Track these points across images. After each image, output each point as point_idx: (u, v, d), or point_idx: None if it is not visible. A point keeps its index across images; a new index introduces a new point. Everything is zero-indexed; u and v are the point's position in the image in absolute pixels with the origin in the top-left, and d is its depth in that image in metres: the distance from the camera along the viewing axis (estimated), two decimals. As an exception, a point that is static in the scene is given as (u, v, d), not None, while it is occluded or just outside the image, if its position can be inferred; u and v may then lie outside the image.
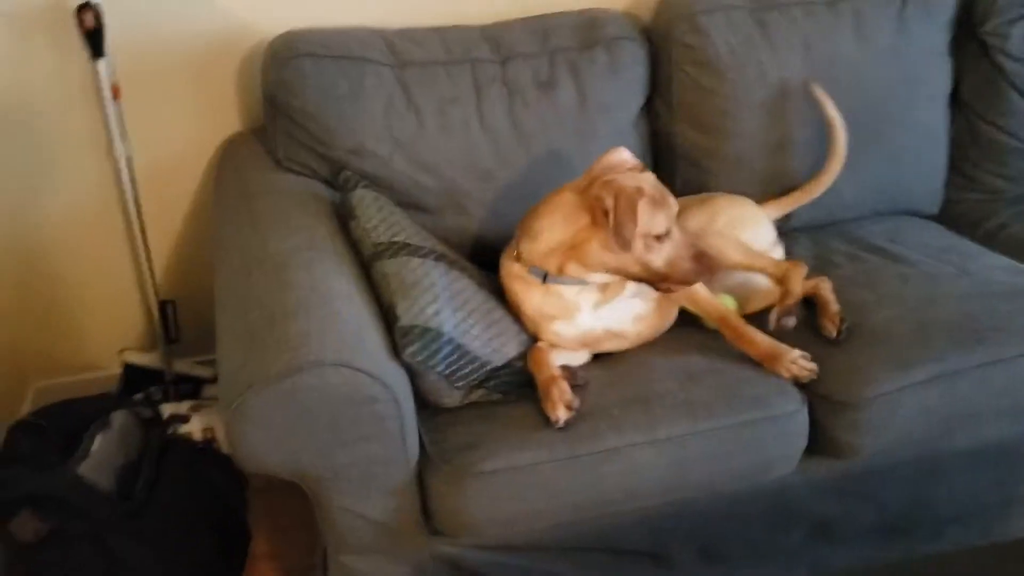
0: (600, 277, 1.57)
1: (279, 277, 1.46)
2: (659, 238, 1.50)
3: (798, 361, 1.57)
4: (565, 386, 1.50)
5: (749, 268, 1.74)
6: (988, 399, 1.63)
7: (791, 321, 1.66)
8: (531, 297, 1.62)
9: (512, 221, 1.68)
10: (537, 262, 1.58)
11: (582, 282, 1.57)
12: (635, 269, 1.52)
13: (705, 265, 1.52)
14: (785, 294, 1.68)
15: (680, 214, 1.60)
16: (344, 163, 1.82)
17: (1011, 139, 2.10)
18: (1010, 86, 2.06)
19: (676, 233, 1.53)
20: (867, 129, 1.98)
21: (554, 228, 1.55)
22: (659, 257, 1.51)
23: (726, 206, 1.84)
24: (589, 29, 1.95)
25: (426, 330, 1.44)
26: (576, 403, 1.48)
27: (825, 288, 1.71)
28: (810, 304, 1.71)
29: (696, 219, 1.77)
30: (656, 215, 1.49)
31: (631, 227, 1.45)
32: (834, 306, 1.67)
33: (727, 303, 1.71)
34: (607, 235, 1.48)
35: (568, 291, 1.59)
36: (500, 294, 1.68)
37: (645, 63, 1.98)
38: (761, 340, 1.59)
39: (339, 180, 1.78)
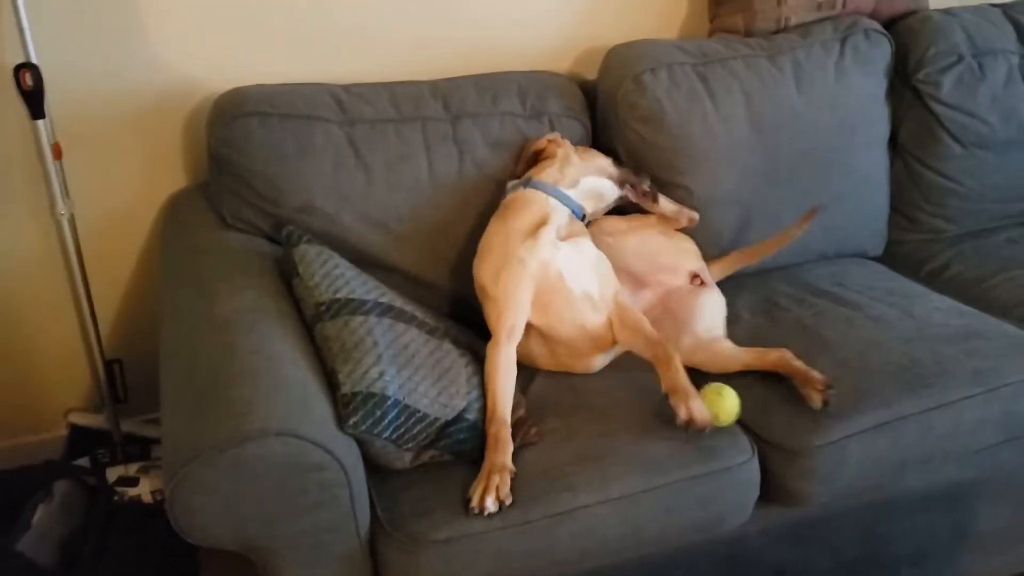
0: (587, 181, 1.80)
1: (224, 340, 1.44)
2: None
3: (702, 409, 1.51)
4: (506, 475, 1.45)
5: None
6: (936, 443, 1.66)
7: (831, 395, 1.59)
8: (514, 209, 1.72)
9: (465, 273, 1.74)
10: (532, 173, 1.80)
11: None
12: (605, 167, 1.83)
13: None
14: (802, 373, 1.62)
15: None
16: (292, 221, 1.80)
17: (948, 181, 2.17)
18: (944, 131, 2.13)
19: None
20: (810, 175, 2.03)
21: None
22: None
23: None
24: (536, 99, 1.97)
25: (369, 396, 1.41)
26: (508, 499, 1.43)
27: (790, 358, 1.66)
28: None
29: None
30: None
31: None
32: (814, 373, 1.62)
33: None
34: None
35: (547, 200, 1.72)
36: (454, 339, 1.67)
37: (586, 139, 2.00)
38: (680, 374, 1.54)
39: (282, 235, 1.76)
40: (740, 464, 1.56)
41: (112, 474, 2.04)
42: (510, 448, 1.51)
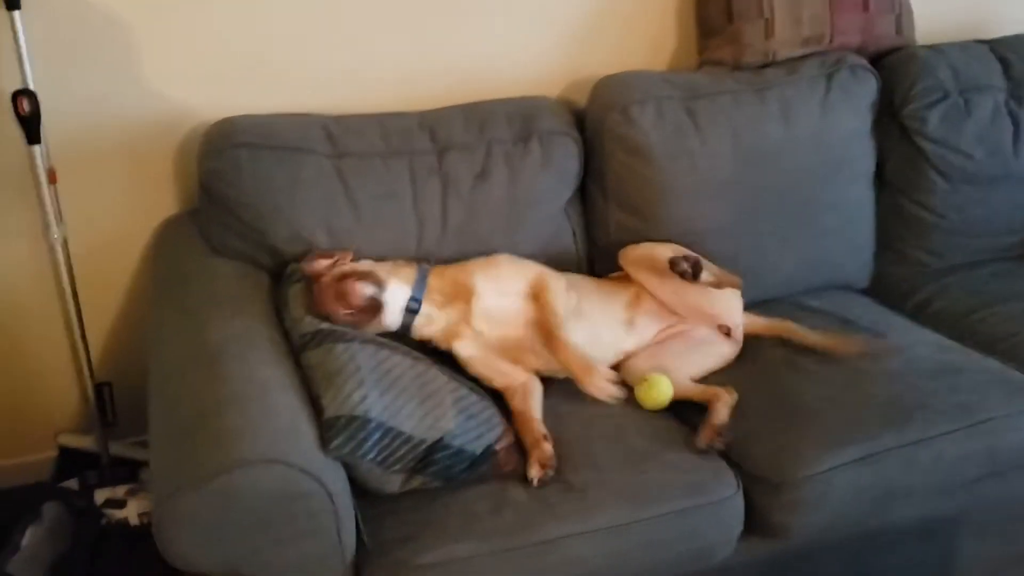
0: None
1: (212, 369, 1.45)
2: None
3: (607, 383, 1.62)
4: (547, 447, 1.58)
5: None
6: (919, 477, 1.67)
7: (718, 444, 1.63)
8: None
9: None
10: None
11: None
12: None
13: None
14: (712, 413, 1.67)
15: None
16: (279, 251, 1.82)
17: (933, 216, 2.20)
18: (930, 166, 2.15)
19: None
20: (796, 209, 2.06)
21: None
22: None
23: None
24: (525, 119, 1.99)
25: (352, 419, 1.42)
26: (553, 463, 1.55)
27: (720, 402, 1.68)
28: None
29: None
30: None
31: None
32: (718, 418, 1.65)
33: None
34: None
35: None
36: (439, 367, 1.68)
37: (578, 156, 2.01)
38: (574, 355, 1.66)
39: (286, 271, 1.78)
40: (725, 499, 1.58)
41: (100, 496, 2.04)
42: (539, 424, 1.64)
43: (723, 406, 1.68)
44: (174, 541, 1.28)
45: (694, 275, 1.80)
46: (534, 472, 1.55)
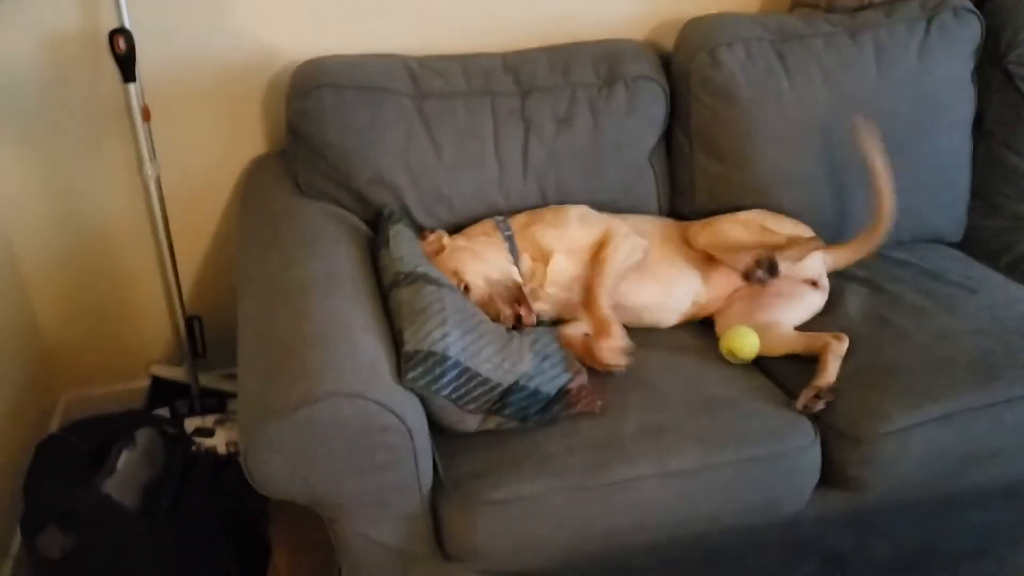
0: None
1: (299, 305, 1.49)
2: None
3: (617, 351, 1.63)
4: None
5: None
6: (1003, 437, 1.63)
7: (818, 406, 1.59)
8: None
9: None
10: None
11: None
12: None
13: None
14: (819, 371, 1.63)
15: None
16: (363, 192, 1.85)
17: (1035, 168, 2.09)
18: (1034, 115, 2.05)
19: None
20: (890, 158, 1.97)
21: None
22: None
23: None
24: (611, 64, 1.96)
25: (430, 354, 1.45)
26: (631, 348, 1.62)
27: (832, 350, 1.65)
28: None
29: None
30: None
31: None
32: (828, 376, 1.62)
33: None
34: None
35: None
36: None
37: (664, 102, 1.98)
38: (600, 313, 1.69)
39: (384, 211, 1.82)
40: (802, 448, 1.56)
41: (190, 424, 2.13)
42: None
43: (834, 359, 1.63)
44: (260, 468, 1.33)
45: (772, 275, 1.73)
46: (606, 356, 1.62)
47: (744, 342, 1.70)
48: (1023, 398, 1.60)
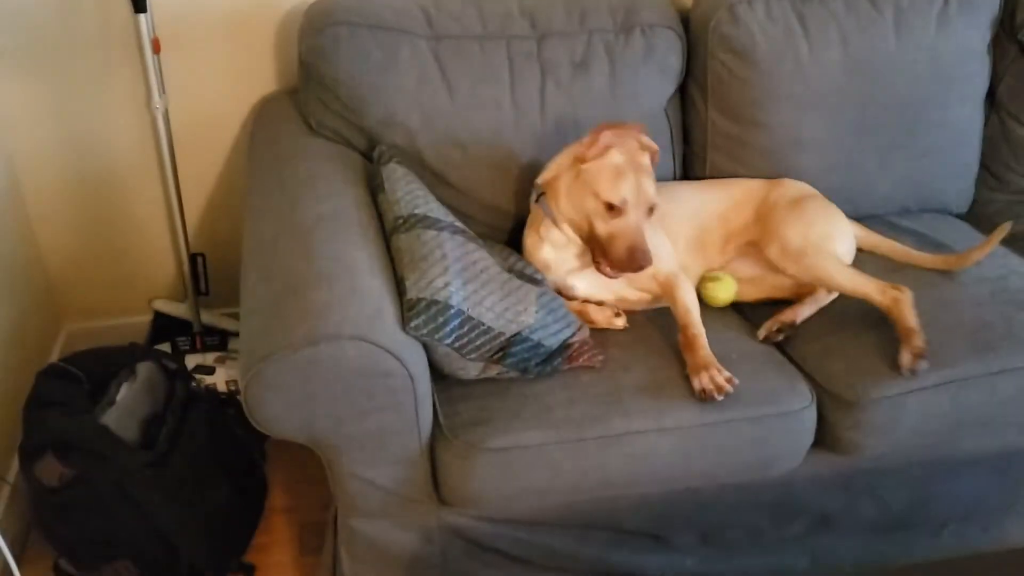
0: (566, 230, 1.70)
1: (304, 246, 1.49)
2: (611, 209, 1.60)
3: (712, 378, 1.53)
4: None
5: (852, 293, 1.68)
6: (996, 408, 1.64)
7: (923, 364, 1.56)
8: (530, 241, 1.77)
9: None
10: (543, 185, 1.73)
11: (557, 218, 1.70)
12: (583, 225, 1.65)
13: (635, 262, 1.59)
14: (907, 333, 1.59)
15: (768, 211, 1.79)
16: (374, 133, 1.83)
17: (1044, 142, 2.09)
18: (1048, 89, 2.03)
19: (632, 218, 1.60)
20: (901, 125, 1.98)
21: (559, 158, 1.72)
22: (604, 227, 1.61)
23: (819, 216, 1.82)
24: (627, 11, 1.94)
25: (432, 302, 1.44)
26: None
27: (906, 304, 1.62)
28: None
29: (791, 230, 1.75)
30: (616, 184, 1.60)
31: (590, 175, 1.61)
32: (918, 336, 1.58)
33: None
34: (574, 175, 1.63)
35: (548, 250, 1.73)
36: (519, 273, 1.69)
37: (680, 51, 1.96)
38: (701, 353, 1.57)
39: (374, 154, 1.80)
40: (798, 410, 1.58)
41: (191, 361, 2.15)
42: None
43: (910, 309, 1.61)
44: (260, 406, 1.34)
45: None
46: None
47: (721, 286, 1.78)
48: (1018, 370, 1.62)
